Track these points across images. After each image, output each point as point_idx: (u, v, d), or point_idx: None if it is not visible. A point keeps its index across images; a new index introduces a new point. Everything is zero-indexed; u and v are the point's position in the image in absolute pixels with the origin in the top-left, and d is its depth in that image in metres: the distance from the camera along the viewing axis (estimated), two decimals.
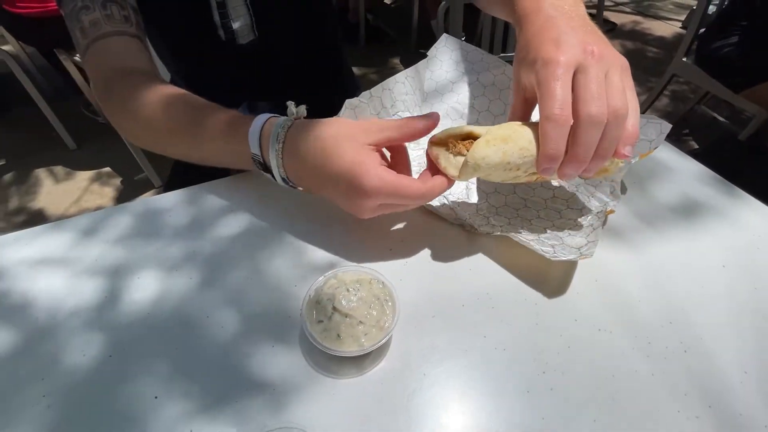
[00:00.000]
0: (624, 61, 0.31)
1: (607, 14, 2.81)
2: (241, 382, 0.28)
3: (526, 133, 0.31)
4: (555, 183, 0.41)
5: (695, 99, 1.69)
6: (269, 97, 0.63)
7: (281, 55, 0.60)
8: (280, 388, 0.27)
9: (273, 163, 0.34)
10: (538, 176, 0.31)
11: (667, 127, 0.40)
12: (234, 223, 0.38)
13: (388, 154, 0.36)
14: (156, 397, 0.27)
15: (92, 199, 1.48)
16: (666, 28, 2.66)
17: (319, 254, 0.36)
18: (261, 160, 0.35)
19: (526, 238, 0.34)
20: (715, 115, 1.63)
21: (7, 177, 1.55)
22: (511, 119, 0.34)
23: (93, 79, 0.45)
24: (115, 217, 0.40)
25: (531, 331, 0.30)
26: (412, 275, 0.34)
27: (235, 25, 0.54)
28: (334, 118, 0.35)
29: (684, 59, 1.35)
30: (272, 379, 0.28)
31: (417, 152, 0.44)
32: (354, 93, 0.73)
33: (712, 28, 1.24)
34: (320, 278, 0.30)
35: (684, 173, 0.44)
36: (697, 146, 1.75)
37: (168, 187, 0.58)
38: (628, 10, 2.92)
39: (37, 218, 1.41)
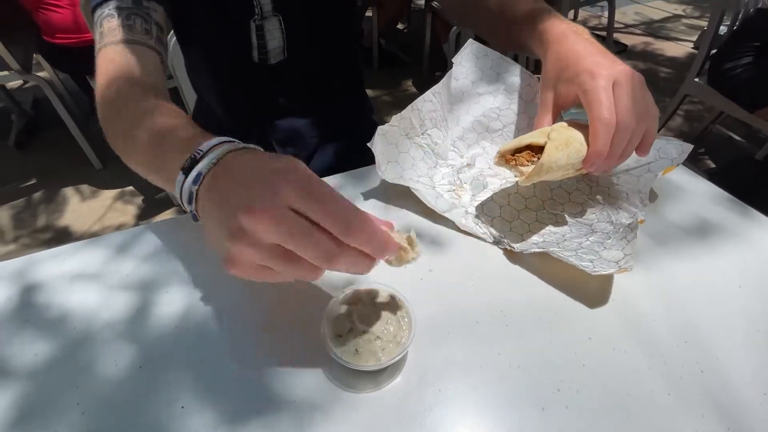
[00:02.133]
0: (642, 77, 0.37)
1: (617, 35, 2.84)
2: (263, 394, 0.29)
3: (578, 136, 0.36)
4: (574, 200, 0.42)
5: (710, 118, 1.69)
6: (291, 112, 0.67)
7: (306, 73, 0.63)
8: (301, 401, 0.28)
9: (184, 197, 0.29)
10: (580, 171, 0.37)
11: (689, 147, 0.42)
12: None
13: None
14: (183, 407, 0.28)
15: (115, 217, 1.53)
16: (677, 49, 2.67)
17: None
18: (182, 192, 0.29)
19: (564, 254, 0.35)
20: (731, 134, 1.62)
21: (36, 196, 1.62)
22: (538, 125, 0.40)
23: (97, 81, 0.43)
24: (146, 235, 0.42)
25: (545, 349, 0.31)
26: (427, 291, 0.35)
27: (270, 47, 0.58)
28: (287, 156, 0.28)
29: (696, 80, 1.35)
30: (294, 392, 0.29)
31: (445, 169, 0.46)
32: (369, 110, 0.77)
33: (724, 48, 1.25)
34: (339, 294, 0.32)
35: (698, 194, 0.44)
36: (714, 166, 1.73)
37: None
38: (638, 31, 2.95)
39: (62, 236, 1.46)
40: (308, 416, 0.28)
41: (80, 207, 1.58)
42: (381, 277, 0.35)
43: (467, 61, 0.46)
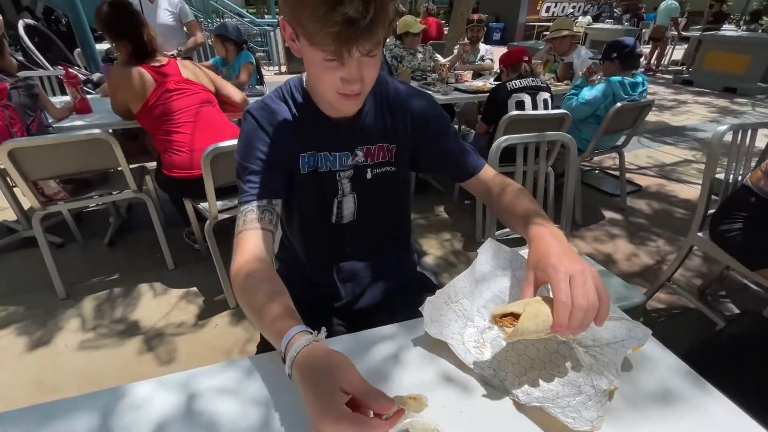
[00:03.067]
0: (595, 271, 0.54)
1: (632, 176, 3.14)
2: None
3: (546, 309, 0.52)
4: (569, 364, 0.57)
5: (724, 264, 1.80)
6: (353, 258, 0.88)
7: (368, 230, 0.86)
8: None
9: (287, 363, 0.49)
10: (550, 334, 0.52)
11: (648, 332, 0.58)
12: None
13: None
14: None
15: (178, 315, 1.75)
16: (690, 191, 2.90)
17: None
18: (283, 357, 0.50)
19: (555, 410, 0.49)
20: (746, 281, 1.71)
21: (117, 290, 1.89)
22: (522, 296, 0.57)
23: (234, 253, 0.66)
24: (229, 372, 0.60)
25: None
26: (459, 426, 0.49)
27: (344, 213, 0.83)
28: (337, 353, 0.49)
29: (699, 234, 1.52)
30: None
31: (472, 329, 0.63)
32: (411, 252, 0.98)
33: (718, 212, 1.44)
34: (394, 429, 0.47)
35: (665, 366, 0.58)
36: (736, 309, 1.78)
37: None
38: (651, 173, 3.24)
39: (132, 329, 1.67)
40: None
41: (151, 303, 1.81)
42: (426, 415, 0.51)
43: (487, 252, 0.67)
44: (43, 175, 1.66)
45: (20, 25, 2.97)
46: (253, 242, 0.67)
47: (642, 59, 2.31)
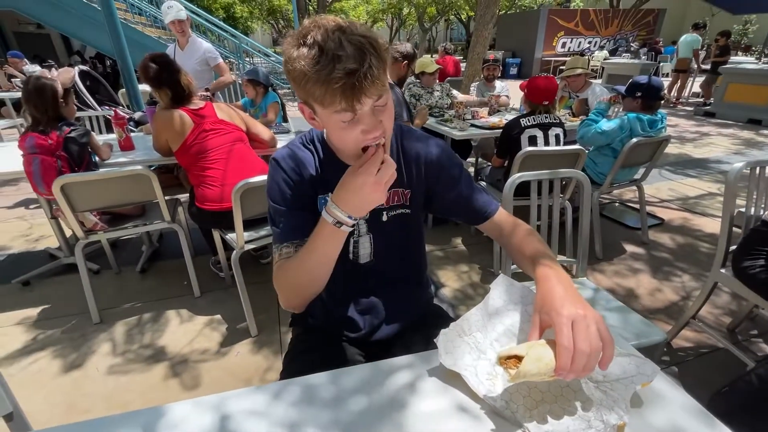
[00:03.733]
0: (598, 315, 0.57)
1: (653, 209, 3.10)
2: None
3: (549, 353, 0.55)
4: (579, 399, 0.59)
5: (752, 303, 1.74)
6: (372, 293, 0.93)
7: (386, 269, 0.91)
8: None
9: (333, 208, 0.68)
10: (554, 377, 0.54)
11: (657, 369, 0.60)
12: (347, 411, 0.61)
13: None
14: None
15: (202, 342, 1.81)
16: (715, 225, 2.83)
17: None
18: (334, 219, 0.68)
19: None
20: None
21: (146, 316, 1.98)
22: (529, 338, 0.60)
23: (275, 278, 0.78)
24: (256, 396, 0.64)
25: None
26: None
27: (361, 253, 0.88)
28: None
29: (722, 270, 1.50)
30: None
31: (485, 362, 0.66)
32: (427, 286, 1.01)
33: (740, 248, 1.42)
34: None
35: (675, 403, 0.60)
36: (767, 348, 1.70)
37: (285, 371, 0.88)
38: (674, 206, 3.19)
39: (159, 354, 1.74)
40: None
41: (177, 329, 1.89)
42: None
43: (500, 287, 0.71)
44: (88, 207, 1.81)
45: (76, 70, 3.30)
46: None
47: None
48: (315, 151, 0.83)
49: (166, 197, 1.96)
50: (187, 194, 2.20)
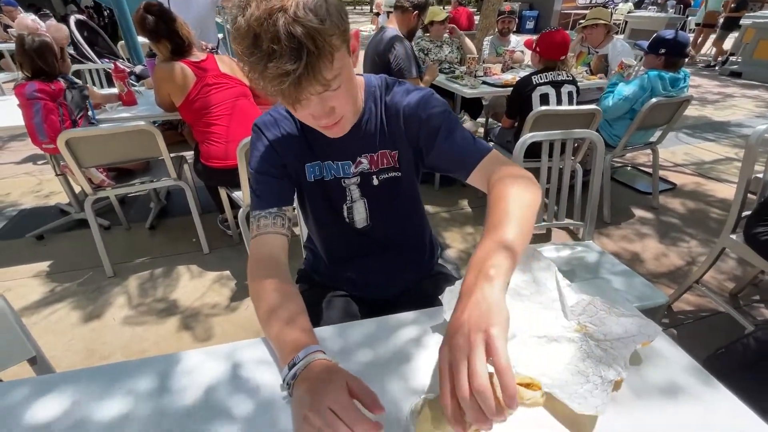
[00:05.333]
0: (482, 338, 0.42)
1: (665, 173, 3.04)
2: None
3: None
4: (579, 355, 0.61)
5: (758, 269, 1.74)
6: (372, 254, 0.93)
7: (385, 233, 0.91)
8: None
9: (288, 375, 0.53)
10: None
11: (659, 329, 0.60)
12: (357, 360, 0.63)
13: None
14: None
15: (212, 296, 1.87)
16: (729, 191, 2.77)
17: None
18: (287, 373, 0.53)
19: (561, 396, 0.53)
20: None
21: (157, 271, 2.04)
22: (440, 373, 0.47)
23: (250, 256, 0.72)
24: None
25: None
26: None
27: (356, 218, 0.87)
28: (335, 365, 0.54)
29: (732, 236, 1.48)
30: None
31: None
32: (430, 249, 1.01)
33: (754, 213, 1.39)
34: None
35: (674, 362, 0.61)
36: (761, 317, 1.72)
37: None
38: (688, 171, 3.12)
39: (172, 308, 1.80)
40: None
41: (188, 284, 1.95)
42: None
43: None
44: (93, 163, 1.81)
45: (71, 20, 3.17)
46: (268, 245, 0.73)
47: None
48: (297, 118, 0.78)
49: (172, 154, 1.95)
50: (193, 151, 2.18)
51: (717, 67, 6.25)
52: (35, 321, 1.73)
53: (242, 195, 1.70)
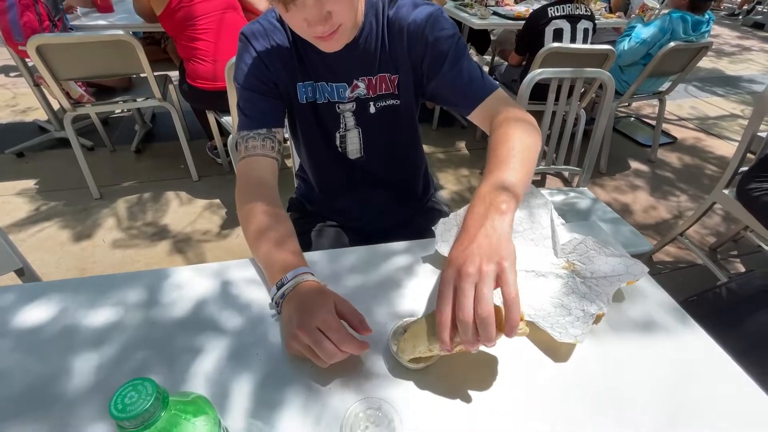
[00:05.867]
0: (494, 269, 0.43)
1: (668, 127, 2.98)
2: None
3: (433, 327, 0.46)
4: (563, 290, 0.62)
5: (743, 225, 1.78)
6: (366, 184, 0.90)
7: (379, 166, 0.87)
8: None
9: (277, 295, 0.54)
10: (450, 352, 0.45)
11: (645, 269, 0.61)
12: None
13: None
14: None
15: (202, 223, 1.86)
16: (728, 148, 2.75)
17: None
18: (275, 293, 0.54)
19: (543, 325, 0.54)
20: (761, 243, 1.70)
21: (146, 195, 2.00)
22: (438, 296, 0.47)
23: (238, 179, 0.69)
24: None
25: (529, 379, 0.51)
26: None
27: (349, 149, 0.83)
28: (324, 286, 0.55)
29: (725, 191, 1.48)
30: None
31: None
32: (426, 187, 0.99)
33: (751, 169, 1.38)
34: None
35: (653, 299, 0.63)
36: (744, 269, 1.80)
37: None
38: (691, 125, 3.06)
39: (162, 232, 1.80)
40: None
41: (177, 210, 1.93)
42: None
43: None
44: (69, 76, 1.68)
45: None
46: (258, 168, 0.69)
47: None
48: (289, 29, 0.70)
49: (155, 72, 1.81)
50: (177, 72, 2.03)
51: (740, 17, 5.88)
52: (22, 238, 1.72)
53: (231, 121, 1.62)
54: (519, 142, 0.58)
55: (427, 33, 0.68)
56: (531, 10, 2.45)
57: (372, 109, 0.77)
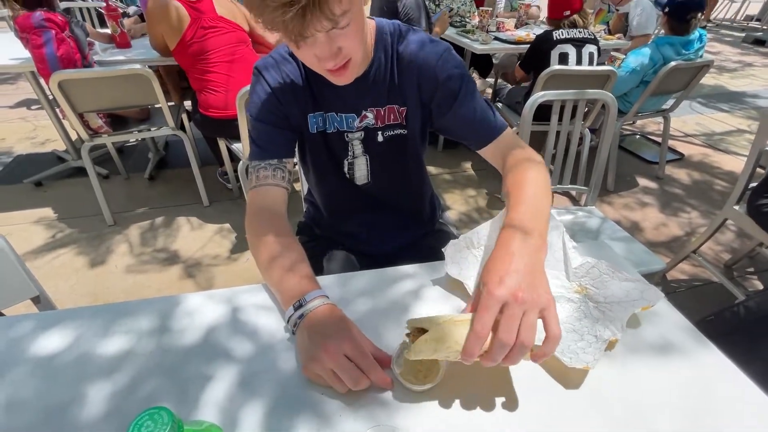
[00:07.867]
0: (545, 302, 0.47)
1: (674, 143, 2.98)
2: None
3: (457, 333, 0.46)
4: (576, 314, 0.61)
5: (757, 241, 1.75)
6: (372, 210, 0.92)
7: (385, 191, 0.89)
8: None
9: (295, 315, 0.54)
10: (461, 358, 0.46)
11: (661, 295, 0.60)
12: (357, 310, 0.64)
13: None
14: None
15: (212, 248, 1.88)
16: (736, 164, 2.73)
17: None
18: (293, 314, 0.55)
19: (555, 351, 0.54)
20: None
21: (158, 220, 2.04)
22: (469, 310, 0.52)
23: (248, 207, 0.70)
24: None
25: (538, 406, 0.50)
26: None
27: (356, 175, 0.84)
28: (343, 314, 0.55)
29: (736, 207, 1.47)
30: None
31: None
32: (433, 209, 1.00)
33: (761, 185, 1.37)
34: None
35: (670, 322, 0.61)
36: (761, 286, 1.75)
37: None
38: (697, 142, 3.05)
39: (173, 257, 1.82)
40: None
41: (188, 235, 1.96)
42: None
43: None
44: (88, 108, 1.75)
45: None
46: (268, 197, 0.71)
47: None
48: (301, 63, 0.73)
49: (170, 103, 1.88)
50: (192, 102, 2.11)
51: (761, 34, 5.92)
52: (38, 265, 1.75)
53: (242, 147, 1.66)
54: (536, 184, 0.63)
55: (438, 72, 0.71)
56: (531, 35, 2.52)
57: (380, 138, 0.79)
